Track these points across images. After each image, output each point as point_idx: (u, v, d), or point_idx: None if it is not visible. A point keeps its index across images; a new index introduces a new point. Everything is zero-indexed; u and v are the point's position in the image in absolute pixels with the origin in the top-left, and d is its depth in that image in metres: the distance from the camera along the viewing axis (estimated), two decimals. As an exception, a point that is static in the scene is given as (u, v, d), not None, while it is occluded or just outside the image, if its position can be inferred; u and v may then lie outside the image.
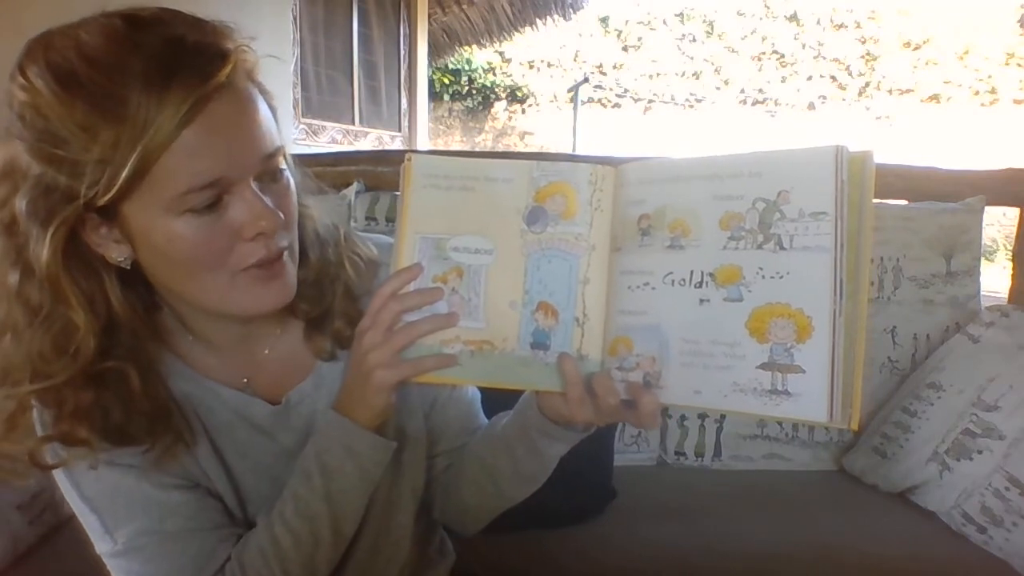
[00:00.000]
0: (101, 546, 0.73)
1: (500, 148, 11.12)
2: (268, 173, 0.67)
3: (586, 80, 11.03)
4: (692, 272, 0.62)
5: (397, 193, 0.83)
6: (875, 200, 0.59)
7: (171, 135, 0.59)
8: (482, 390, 0.91)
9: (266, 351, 0.80)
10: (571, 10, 7.70)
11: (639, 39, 11.67)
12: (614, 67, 11.61)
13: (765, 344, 0.59)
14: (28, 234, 0.63)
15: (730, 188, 0.61)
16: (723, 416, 1.53)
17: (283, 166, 0.69)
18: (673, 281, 0.63)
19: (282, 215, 0.67)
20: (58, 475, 0.72)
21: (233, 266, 0.66)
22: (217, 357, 0.78)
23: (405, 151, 0.77)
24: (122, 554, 0.72)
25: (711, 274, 0.62)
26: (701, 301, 0.62)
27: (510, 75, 11.68)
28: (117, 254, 0.66)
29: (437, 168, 0.68)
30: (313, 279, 0.77)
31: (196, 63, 0.60)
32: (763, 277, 0.60)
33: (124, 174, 0.59)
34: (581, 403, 0.66)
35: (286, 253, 0.70)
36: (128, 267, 0.67)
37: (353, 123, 5.96)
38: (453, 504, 0.89)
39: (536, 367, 0.67)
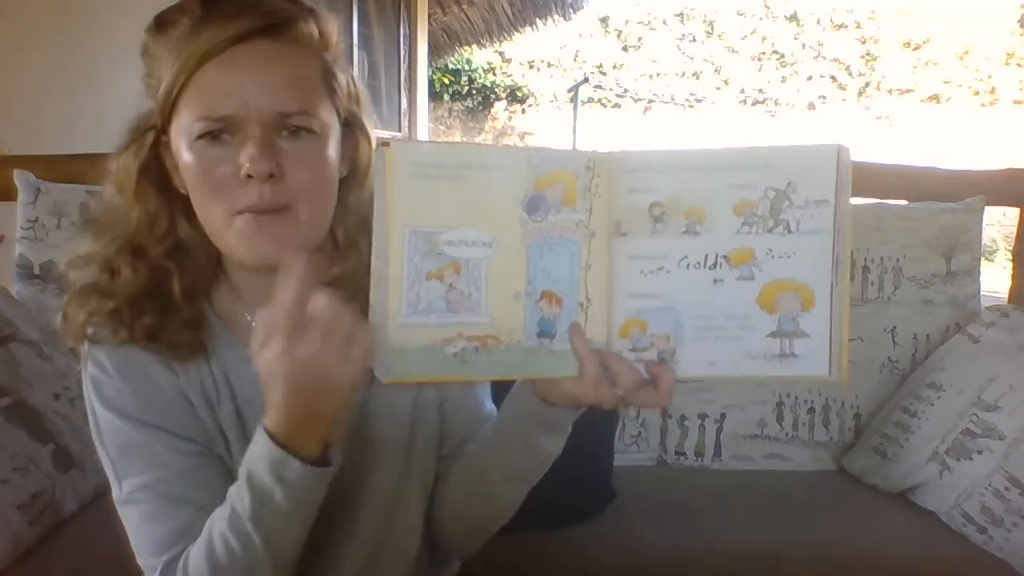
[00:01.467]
0: (113, 491, 0.77)
1: (500, 148, 11.09)
2: (285, 128, 0.71)
3: (586, 80, 11.03)
4: (707, 256, 0.67)
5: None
6: (875, 200, 0.71)
7: (196, 65, 0.69)
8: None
9: None
10: (571, 10, 7.70)
11: (639, 39, 11.67)
12: (614, 67, 11.61)
13: (774, 315, 0.67)
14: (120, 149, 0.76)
15: (744, 178, 0.67)
16: (723, 416, 1.54)
17: (313, 130, 0.72)
18: (688, 264, 0.67)
19: (266, 167, 0.69)
20: (89, 415, 0.78)
21: (229, 203, 0.71)
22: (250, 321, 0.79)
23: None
24: (125, 503, 0.76)
25: (725, 256, 0.67)
26: (715, 281, 0.67)
27: (510, 75, 11.67)
28: (177, 180, 0.75)
29: (423, 156, 0.64)
30: (351, 273, 0.76)
31: (239, 11, 0.69)
32: (772, 257, 0.67)
33: (162, 95, 0.71)
34: (597, 382, 0.67)
35: (289, 213, 0.72)
36: (185, 193, 0.75)
37: (353, 123, 5.95)
38: (441, 512, 0.87)
39: (544, 356, 0.68)
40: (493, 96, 11.61)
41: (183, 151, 0.72)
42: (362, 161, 0.79)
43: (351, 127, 0.79)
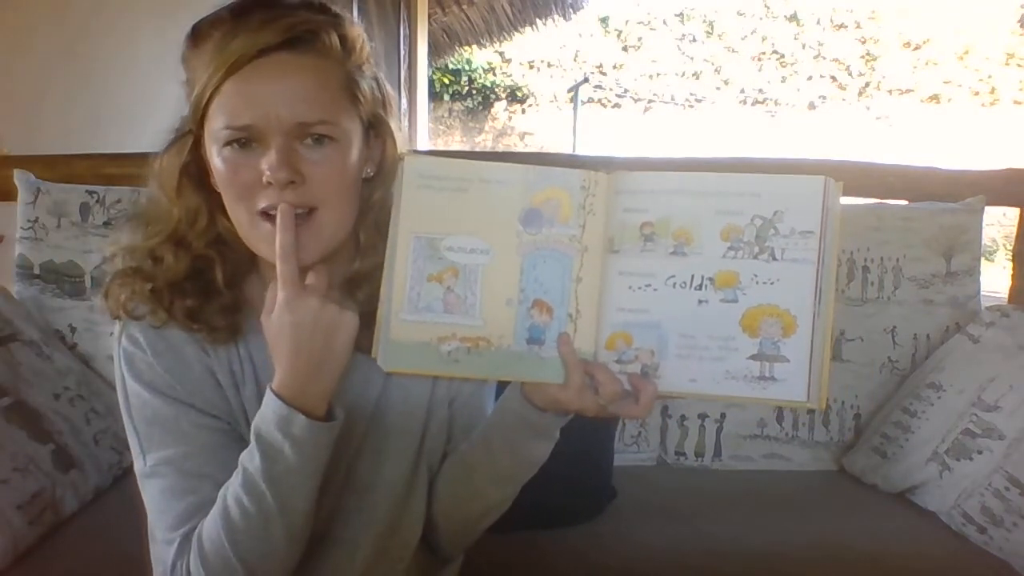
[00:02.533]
0: (136, 464, 0.80)
1: (500, 148, 11.11)
2: (307, 137, 0.75)
3: (586, 80, 11.02)
4: (693, 276, 0.71)
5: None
6: (875, 200, 0.71)
7: (222, 78, 0.73)
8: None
9: None
10: (571, 10, 7.69)
11: (639, 39, 11.66)
12: (614, 67, 11.59)
13: (756, 339, 0.70)
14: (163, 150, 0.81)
15: (732, 204, 0.70)
16: (723, 416, 1.54)
17: (335, 138, 0.76)
18: (675, 283, 0.71)
19: (285, 175, 0.73)
20: (118, 388, 0.82)
21: (252, 205, 0.75)
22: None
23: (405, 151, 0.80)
24: (147, 476, 0.79)
25: (711, 278, 0.70)
26: (700, 302, 0.71)
27: (510, 75, 11.66)
28: (214, 181, 0.79)
29: (431, 169, 0.72)
30: (368, 271, 0.80)
31: (263, 25, 0.73)
32: (757, 283, 0.70)
33: (193, 103, 0.76)
34: (581, 390, 0.72)
35: (312, 218, 0.75)
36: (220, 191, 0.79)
37: (353, 123, 5.94)
38: (432, 509, 0.89)
39: (532, 361, 0.72)
40: (493, 96, 11.60)
41: (213, 155, 0.76)
42: (388, 161, 0.82)
43: (377, 129, 0.82)
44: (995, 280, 2.29)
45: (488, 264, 0.71)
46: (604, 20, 11.71)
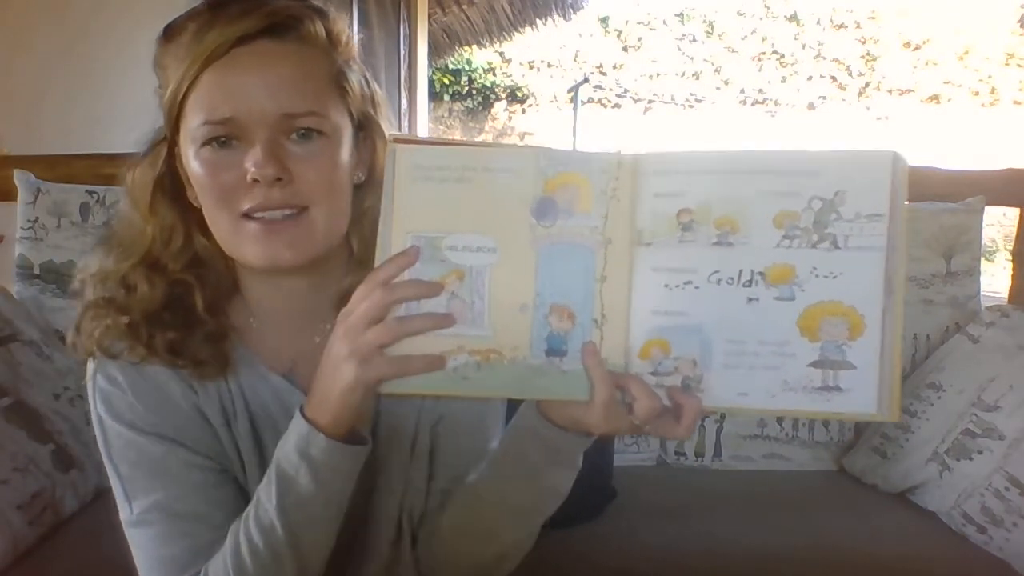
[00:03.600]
0: (122, 513, 0.75)
1: (500, 148, 11.08)
2: (294, 131, 0.69)
3: (586, 80, 11.02)
4: (741, 271, 0.61)
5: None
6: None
7: (198, 70, 0.68)
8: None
9: (316, 339, 0.78)
10: (571, 10, 7.69)
11: (639, 39, 11.66)
12: (614, 67, 11.59)
13: (817, 342, 0.60)
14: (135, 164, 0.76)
15: (785, 185, 0.60)
16: (723, 416, 1.53)
17: (323, 131, 0.70)
18: (719, 280, 0.61)
19: (272, 171, 0.67)
20: (97, 431, 0.75)
21: (236, 208, 0.69)
22: (268, 337, 0.79)
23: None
24: (136, 525, 0.73)
25: (762, 273, 0.61)
26: (749, 300, 0.61)
27: (510, 75, 11.66)
28: (191, 192, 0.74)
29: (428, 158, 0.62)
30: (351, 280, 0.72)
31: (243, 12, 0.68)
32: (816, 276, 0.60)
33: (167, 104, 0.70)
34: (610, 407, 0.61)
35: (303, 217, 0.70)
36: (198, 206, 0.73)
37: (353, 123, 5.94)
38: (441, 552, 0.80)
39: (553, 375, 0.62)
40: (493, 96, 11.60)
41: (190, 159, 0.70)
42: (379, 165, 0.76)
43: (367, 130, 0.77)
44: (995, 280, 2.29)
45: (497, 264, 0.61)
46: (604, 20, 11.70)
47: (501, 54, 11.28)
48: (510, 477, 0.73)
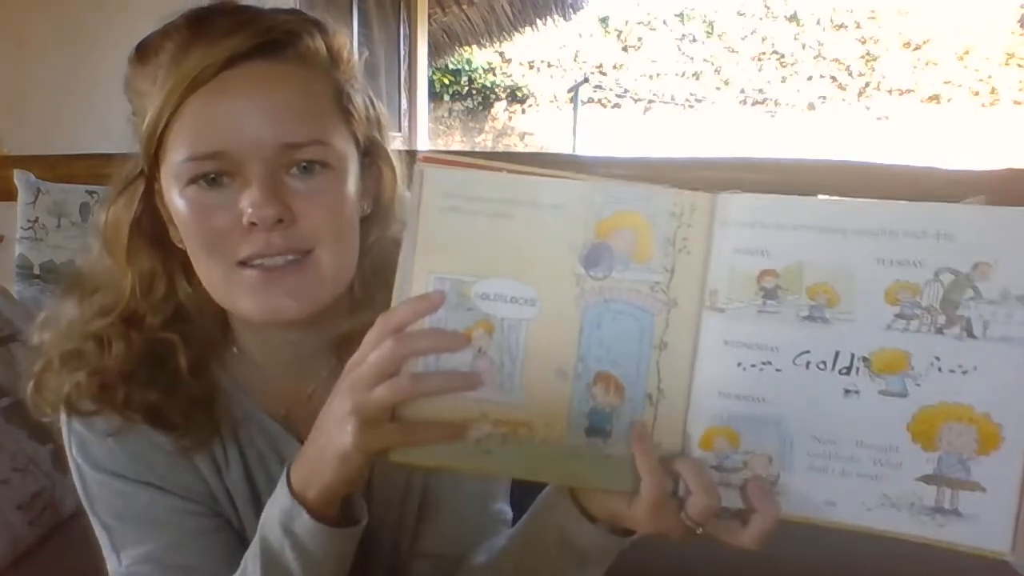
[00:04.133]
0: (109, 564, 0.68)
1: (500, 148, 11.12)
2: (295, 164, 0.60)
3: (586, 80, 11.03)
4: (839, 354, 0.49)
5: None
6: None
7: (181, 97, 0.58)
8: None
9: (310, 390, 0.71)
10: (571, 10, 7.70)
11: (639, 39, 11.67)
12: (614, 67, 11.61)
13: (934, 452, 0.49)
14: (108, 201, 0.66)
15: (904, 250, 0.48)
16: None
17: (328, 163, 0.61)
18: (808, 363, 0.50)
19: (272, 212, 0.58)
20: (76, 480, 0.68)
21: (230, 256, 0.60)
22: (263, 380, 0.71)
23: (405, 151, 0.67)
24: None
25: (865, 358, 0.49)
26: (847, 392, 0.50)
27: (510, 75, 11.67)
28: (173, 233, 0.65)
29: (462, 186, 0.52)
30: (362, 331, 0.62)
31: (230, 30, 0.58)
32: (939, 370, 0.48)
33: (146, 135, 0.60)
34: (659, 504, 0.51)
35: (307, 262, 0.61)
36: (183, 248, 0.64)
37: (353, 123, 5.95)
38: None
39: (591, 459, 0.52)
40: (493, 96, 11.61)
41: (174, 198, 0.61)
42: (386, 195, 0.69)
43: (372, 156, 0.68)
44: (995, 280, 2.29)
45: (535, 319, 0.51)
46: (604, 20, 11.72)
47: (501, 54, 11.30)
48: (525, 570, 0.64)
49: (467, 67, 11.30)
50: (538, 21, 7.55)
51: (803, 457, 0.51)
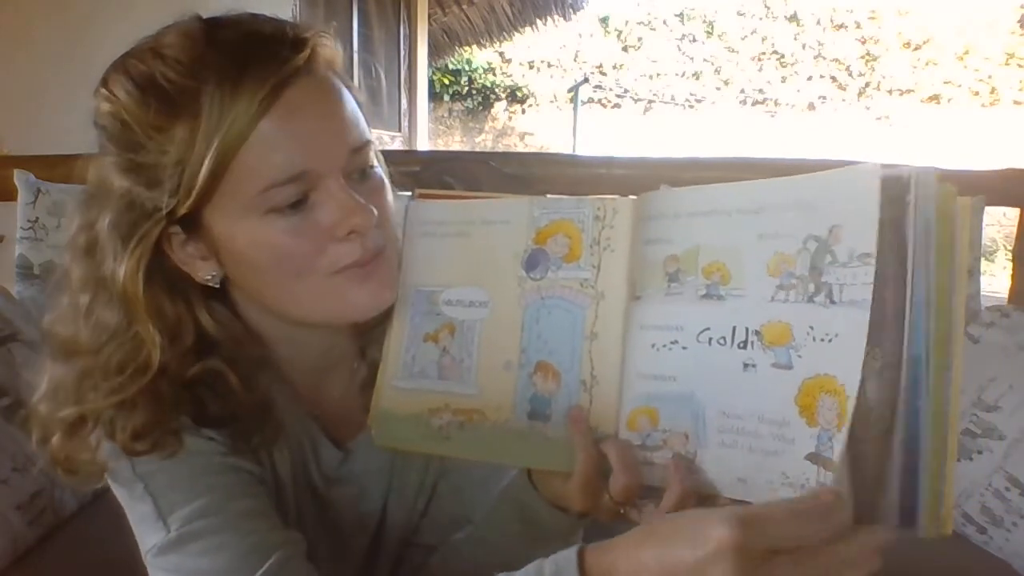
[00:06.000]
0: (150, 538, 0.60)
1: (500, 148, 11.11)
2: (357, 169, 0.62)
3: (586, 80, 11.02)
4: (735, 329, 0.50)
5: (404, 193, 0.80)
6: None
7: (248, 126, 0.56)
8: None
9: (337, 390, 0.73)
10: (571, 10, 7.70)
11: (639, 39, 11.66)
12: (614, 67, 11.60)
13: (815, 428, 0.46)
14: (107, 253, 0.61)
15: (778, 224, 0.49)
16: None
17: (374, 163, 0.64)
18: (710, 339, 0.51)
19: (372, 217, 0.60)
20: (110, 451, 0.63)
21: (326, 269, 0.60)
22: (291, 387, 0.72)
23: (405, 151, 0.71)
24: (172, 546, 0.59)
25: (757, 332, 0.49)
26: (746, 366, 0.49)
27: (510, 75, 11.67)
28: (204, 272, 0.63)
29: (432, 214, 0.62)
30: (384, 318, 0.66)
31: (270, 51, 0.58)
32: (814, 339, 0.46)
33: (202, 174, 0.56)
34: (588, 483, 0.53)
35: (384, 255, 0.63)
36: (216, 285, 0.64)
37: (353, 123, 5.95)
38: None
39: (534, 441, 0.56)
40: (493, 96, 11.60)
41: (241, 232, 0.59)
42: None
43: None
44: (995, 280, 2.29)
45: (487, 318, 0.58)
46: (604, 20, 11.72)
47: (501, 54, 11.30)
48: (490, 546, 0.66)
49: (467, 67, 11.29)
50: (538, 21, 7.55)
51: (715, 433, 0.51)
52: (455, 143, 11.31)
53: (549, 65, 11.70)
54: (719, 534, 0.40)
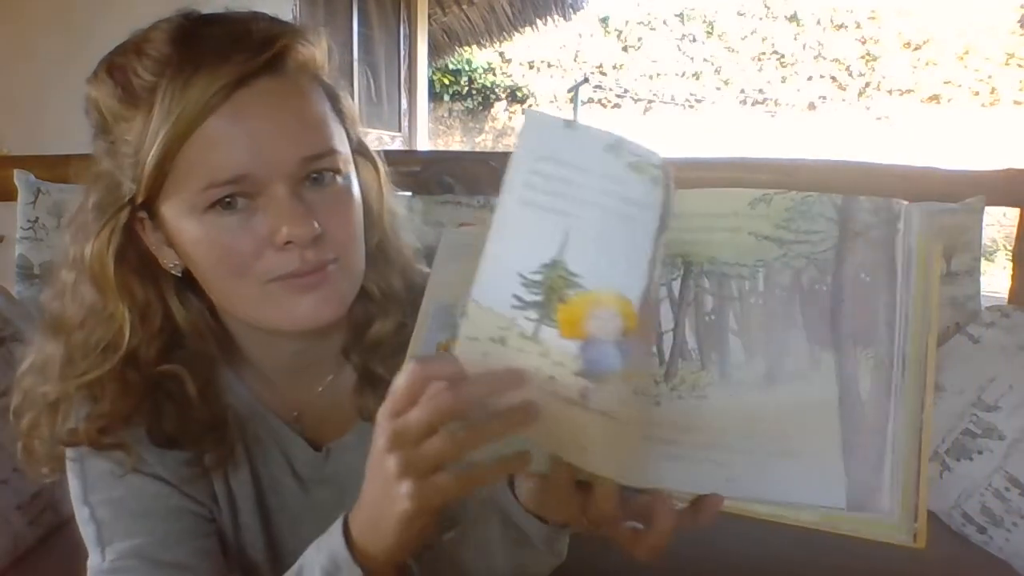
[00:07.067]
0: (90, 557, 0.66)
1: (500, 148, 11.12)
2: (312, 177, 0.60)
3: (586, 80, 11.03)
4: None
5: (404, 193, 0.79)
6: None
7: (194, 123, 0.56)
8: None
9: (319, 389, 0.73)
10: (571, 10, 7.71)
11: (639, 39, 11.67)
12: (614, 67, 11.60)
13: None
14: (87, 232, 0.63)
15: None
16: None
17: (342, 171, 0.62)
18: None
19: (318, 226, 0.58)
20: (73, 469, 0.67)
21: (261, 276, 0.60)
22: (269, 384, 0.72)
23: (405, 151, 0.70)
24: (106, 573, 0.65)
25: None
26: None
27: (510, 75, 11.67)
28: (167, 259, 0.64)
29: (463, 239, 0.61)
30: (395, 330, 0.67)
31: (229, 50, 0.57)
32: None
33: (149, 165, 0.58)
34: (564, 499, 0.53)
35: (332, 267, 0.62)
36: (179, 274, 0.64)
37: (353, 123, 5.95)
38: None
39: (510, 441, 0.51)
40: (493, 96, 11.61)
41: (186, 227, 0.60)
42: (372, 192, 0.69)
43: (359, 152, 0.69)
44: (995, 280, 2.29)
45: None
46: (604, 20, 11.72)
47: (501, 54, 11.30)
48: (475, 547, 0.66)
49: (467, 67, 11.29)
50: (538, 21, 7.55)
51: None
52: (455, 143, 11.31)
53: (549, 65, 11.70)
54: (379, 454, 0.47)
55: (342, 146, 0.63)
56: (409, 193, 1.55)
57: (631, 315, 0.46)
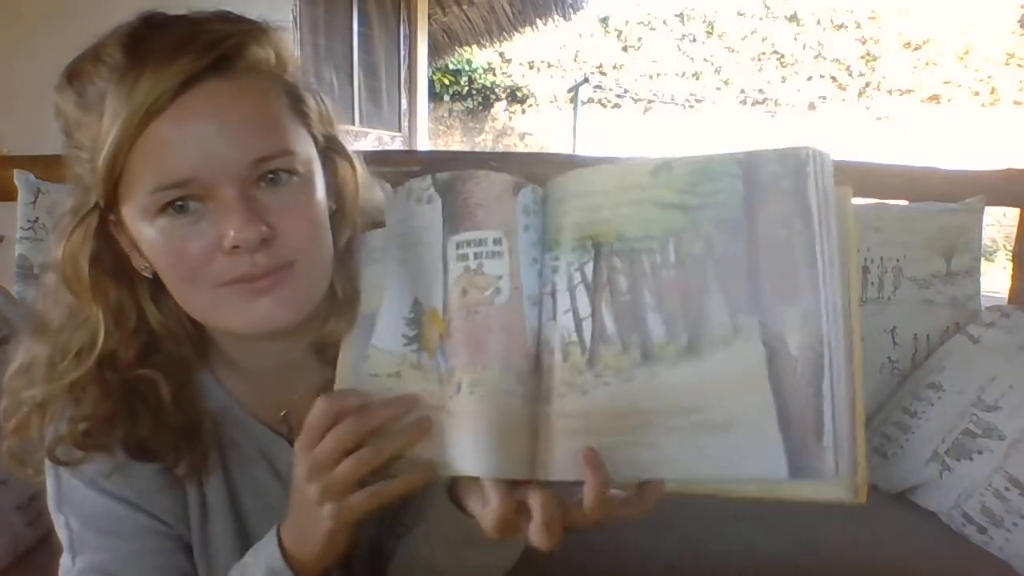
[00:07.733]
0: (64, 558, 0.69)
1: (500, 148, 11.12)
2: (269, 178, 0.59)
3: (586, 80, 11.03)
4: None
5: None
6: (875, 200, 0.58)
7: (139, 128, 0.56)
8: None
9: (307, 387, 0.70)
10: (571, 10, 7.70)
11: (639, 39, 11.67)
12: (614, 67, 11.61)
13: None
14: (63, 235, 0.63)
15: None
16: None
17: (298, 172, 0.61)
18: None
19: (267, 228, 0.58)
20: (49, 477, 0.68)
21: (213, 280, 0.59)
22: (252, 385, 0.72)
23: (405, 151, 0.71)
24: None
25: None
26: None
27: (510, 75, 11.68)
28: (137, 262, 0.64)
29: (374, 242, 0.66)
30: (325, 319, 0.65)
31: (175, 51, 0.56)
32: None
33: (100, 170, 0.58)
34: (504, 524, 0.56)
35: (289, 270, 0.61)
36: (149, 276, 0.64)
37: (353, 123, 5.96)
38: None
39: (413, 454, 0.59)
40: (493, 96, 11.61)
41: (143, 230, 0.60)
42: (348, 190, 0.68)
43: (329, 152, 0.67)
44: (995, 280, 2.29)
45: None
46: (604, 20, 11.72)
47: (501, 54, 11.30)
48: (433, 543, 0.68)
49: (467, 67, 11.30)
50: (538, 21, 7.55)
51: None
52: (455, 143, 11.31)
53: (549, 65, 11.70)
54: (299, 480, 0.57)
55: (301, 147, 0.62)
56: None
57: (439, 321, 0.56)
